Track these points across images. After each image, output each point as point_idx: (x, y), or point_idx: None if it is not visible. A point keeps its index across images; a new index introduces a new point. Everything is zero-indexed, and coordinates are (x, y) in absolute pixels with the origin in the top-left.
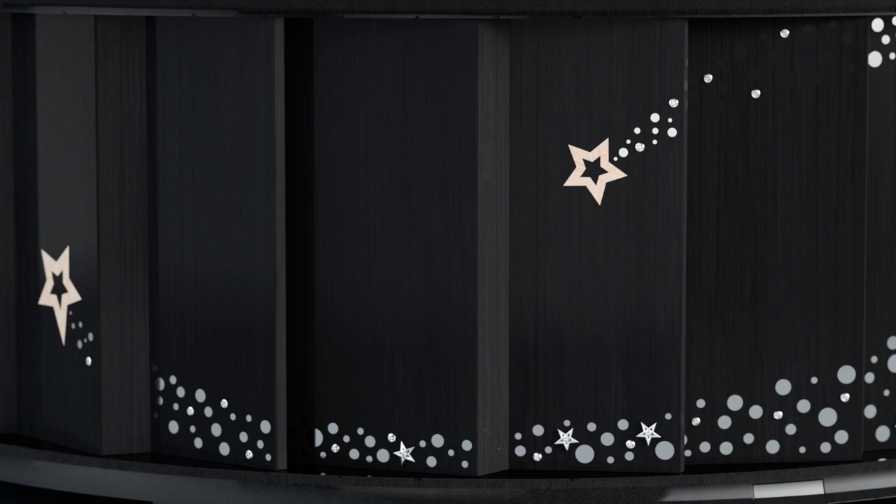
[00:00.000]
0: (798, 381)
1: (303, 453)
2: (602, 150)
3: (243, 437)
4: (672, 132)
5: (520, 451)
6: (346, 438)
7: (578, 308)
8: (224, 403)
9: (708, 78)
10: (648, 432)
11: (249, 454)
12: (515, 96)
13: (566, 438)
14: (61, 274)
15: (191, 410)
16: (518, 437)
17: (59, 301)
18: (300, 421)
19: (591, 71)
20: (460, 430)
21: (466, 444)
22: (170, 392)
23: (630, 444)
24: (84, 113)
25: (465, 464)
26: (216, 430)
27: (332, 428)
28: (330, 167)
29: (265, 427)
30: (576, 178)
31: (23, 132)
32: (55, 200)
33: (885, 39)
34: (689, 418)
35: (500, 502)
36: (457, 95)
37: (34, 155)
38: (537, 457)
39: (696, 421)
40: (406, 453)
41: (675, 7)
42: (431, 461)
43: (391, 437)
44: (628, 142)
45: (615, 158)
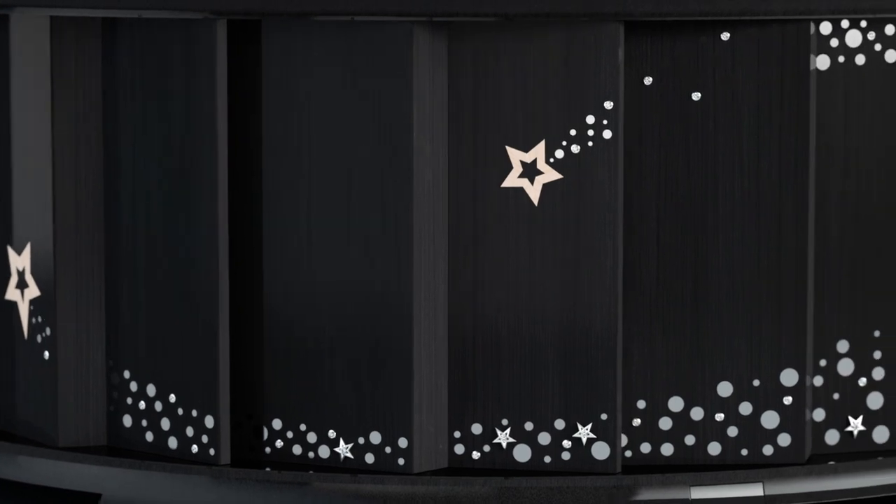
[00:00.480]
0: (740, 384)
1: (250, 448)
2: (539, 152)
3: (189, 431)
4: (607, 134)
5: (459, 449)
6: (290, 434)
7: (516, 308)
8: (172, 398)
9: (648, 80)
10: (584, 432)
11: (195, 448)
12: (454, 98)
13: (504, 437)
14: (24, 269)
15: (143, 405)
16: (457, 435)
17: (22, 296)
18: (247, 416)
19: (527, 73)
20: (397, 428)
21: (402, 442)
22: (124, 386)
23: (567, 443)
24: (41, 110)
25: (401, 461)
26: (165, 424)
27: (277, 424)
28: (275, 166)
29: (209, 422)
30: (513, 179)
31: None
32: (20, 197)
33: (834, 42)
34: (629, 419)
35: (434, 500)
36: (393, 96)
37: (8, 152)
38: (476, 455)
39: (637, 422)
40: (345, 449)
41: (610, 9)
42: (370, 458)
43: (331, 434)
44: (564, 143)
45: (551, 160)
